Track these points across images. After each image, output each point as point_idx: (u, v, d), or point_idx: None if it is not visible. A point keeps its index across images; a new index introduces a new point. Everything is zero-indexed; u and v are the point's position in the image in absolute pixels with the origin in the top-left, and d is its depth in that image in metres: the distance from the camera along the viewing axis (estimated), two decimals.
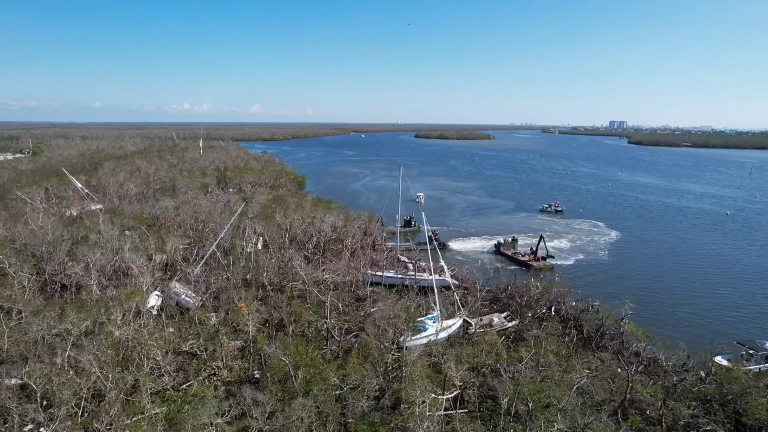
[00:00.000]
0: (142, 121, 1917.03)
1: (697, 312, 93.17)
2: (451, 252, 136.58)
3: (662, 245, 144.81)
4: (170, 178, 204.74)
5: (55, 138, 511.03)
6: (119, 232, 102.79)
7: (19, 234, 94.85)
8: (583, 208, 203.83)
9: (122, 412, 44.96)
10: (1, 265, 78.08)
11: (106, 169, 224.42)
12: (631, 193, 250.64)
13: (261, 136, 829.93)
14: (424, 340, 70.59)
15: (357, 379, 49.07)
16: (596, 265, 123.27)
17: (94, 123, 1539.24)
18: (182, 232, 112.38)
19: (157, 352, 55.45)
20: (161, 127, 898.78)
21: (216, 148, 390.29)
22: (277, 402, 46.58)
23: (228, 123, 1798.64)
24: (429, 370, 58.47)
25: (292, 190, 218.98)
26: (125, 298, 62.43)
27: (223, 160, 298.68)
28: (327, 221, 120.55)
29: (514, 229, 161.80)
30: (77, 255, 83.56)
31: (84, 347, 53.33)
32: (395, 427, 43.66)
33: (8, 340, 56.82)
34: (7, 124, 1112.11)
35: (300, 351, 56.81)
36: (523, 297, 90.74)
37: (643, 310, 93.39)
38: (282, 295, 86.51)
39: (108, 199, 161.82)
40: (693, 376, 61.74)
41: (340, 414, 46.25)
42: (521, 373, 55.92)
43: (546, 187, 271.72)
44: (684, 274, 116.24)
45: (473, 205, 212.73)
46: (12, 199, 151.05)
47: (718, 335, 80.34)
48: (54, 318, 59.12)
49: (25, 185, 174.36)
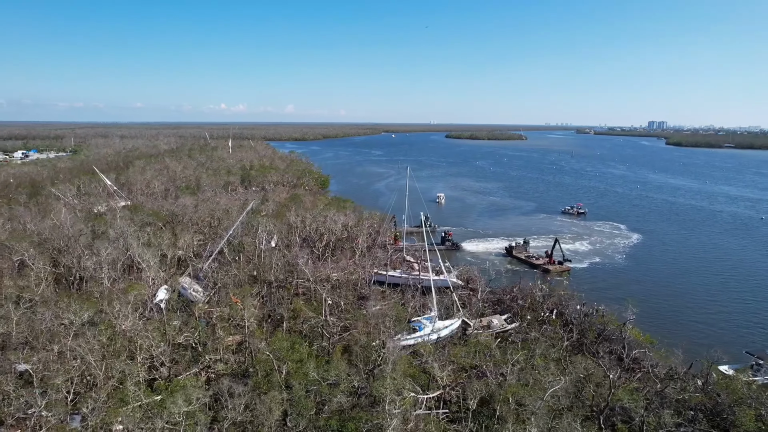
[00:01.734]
0: (180, 121, 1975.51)
1: (710, 319, 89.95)
2: (463, 253, 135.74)
3: (685, 250, 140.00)
4: (196, 177, 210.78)
5: (95, 137, 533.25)
6: (137, 228, 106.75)
7: (43, 228, 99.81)
8: (606, 211, 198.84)
9: (108, 399, 47.23)
10: (20, 258, 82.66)
11: (136, 167, 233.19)
12: (660, 196, 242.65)
13: (292, 135, 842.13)
14: (418, 339, 70.99)
15: (336, 375, 49.83)
16: (611, 269, 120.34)
17: (135, 123, 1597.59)
18: (196, 229, 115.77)
19: (151, 344, 57.73)
20: (197, 126, 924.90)
21: (245, 148, 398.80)
22: (255, 395, 47.81)
23: (262, 123, 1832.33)
24: (414, 370, 58.70)
25: (313, 189, 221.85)
26: (124, 291, 65.00)
27: (250, 159, 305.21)
28: (338, 221, 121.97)
29: (532, 231, 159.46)
30: (93, 249, 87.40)
31: (83, 336, 56.28)
32: (366, 424, 44.16)
33: (16, 328, 60.24)
34: (55, 124, 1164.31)
35: (287, 347, 57.88)
36: (526, 299, 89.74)
37: (653, 315, 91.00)
38: (285, 292, 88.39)
39: (134, 196, 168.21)
40: (690, 384, 60.01)
41: (315, 408, 47.15)
42: (506, 375, 55.64)
43: (572, 189, 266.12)
44: (703, 280, 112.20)
45: (493, 206, 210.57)
46: (46, 195, 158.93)
47: (730, 344, 77.46)
48: (62, 308, 62.30)
49: (61, 182, 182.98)
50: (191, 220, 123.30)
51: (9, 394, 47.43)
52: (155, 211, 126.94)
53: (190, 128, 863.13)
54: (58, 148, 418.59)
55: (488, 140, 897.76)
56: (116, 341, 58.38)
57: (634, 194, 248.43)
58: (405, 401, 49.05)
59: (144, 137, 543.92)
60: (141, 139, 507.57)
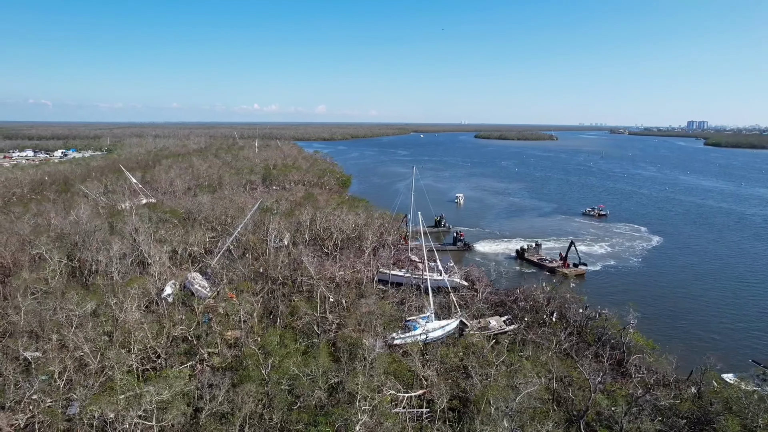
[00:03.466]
0: (213, 121, 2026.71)
1: (722, 327, 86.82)
2: (474, 253, 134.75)
3: (707, 254, 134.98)
4: (218, 176, 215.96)
5: (130, 137, 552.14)
6: (152, 224, 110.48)
7: (64, 224, 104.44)
8: (630, 213, 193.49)
9: (100, 387, 49.43)
10: (38, 251, 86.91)
11: (163, 165, 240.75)
12: (689, 198, 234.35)
13: (321, 135, 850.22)
14: (409, 339, 71.20)
15: (313, 371, 50.66)
16: (624, 272, 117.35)
17: (171, 123, 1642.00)
18: (209, 226, 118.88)
19: (146, 335, 59.95)
20: (229, 126, 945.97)
21: (272, 147, 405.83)
22: (233, 387, 49.13)
23: (293, 123, 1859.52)
24: (402, 368, 59.02)
25: (333, 188, 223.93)
26: (126, 284, 67.58)
27: (275, 158, 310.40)
28: (348, 220, 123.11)
29: (549, 233, 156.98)
30: (105, 244, 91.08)
31: (84, 327, 58.99)
32: (337, 418, 44.81)
33: (24, 317, 63.55)
34: (95, 124, 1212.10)
35: (276, 342, 59.15)
36: (528, 301, 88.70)
37: (660, 320, 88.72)
38: (287, 288, 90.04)
39: (158, 194, 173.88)
40: (685, 391, 58.39)
41: (291, 402, 48.12)
42: (490, 377, 55.36)
43: (597, 191, 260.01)
44: (721, 286, 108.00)
45: (512, 207, 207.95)
46: (74, 192, 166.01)
47: (741, 353, 74.83)
48: (68, 300, 65.34)
49: (91, 180, 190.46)
50: (206, 217, 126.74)
51: (8, 379, 50.27)
52: (172, 209, 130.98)
53: (222, 128, 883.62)
54: (94, 148, 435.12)
55: (517, 140, 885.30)
56: (114, 332, 60.92)
57: (660, 196, 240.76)
58: (383, 398, 49.60)
59: (176, 137, 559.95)
60: (173, 138, 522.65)
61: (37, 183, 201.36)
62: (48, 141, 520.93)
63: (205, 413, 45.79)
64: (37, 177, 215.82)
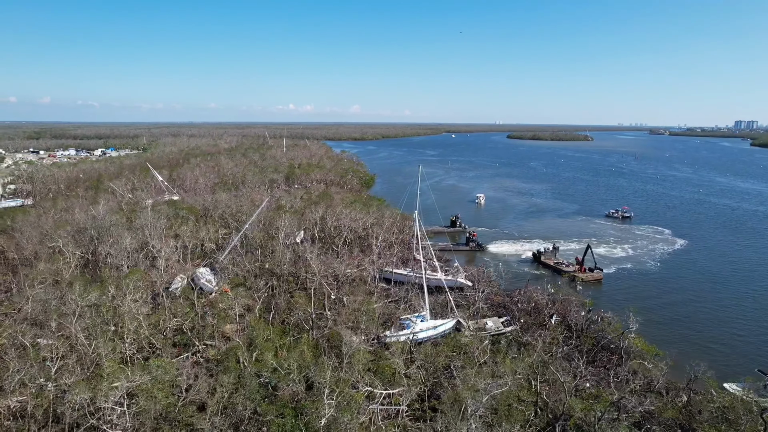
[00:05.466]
0: (249, 121, 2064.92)
1: (734, 335, 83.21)
2: (486, 254, 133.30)
3: (732, 259, 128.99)
4: (242, 174, 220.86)
5: (167, 136, 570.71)
6: (166, 220, 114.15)
7: (85, 219, 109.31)
8: (656, 215, 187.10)
9: (88, 372, 51.90)
10: (55, 244, 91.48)
11: (192, 164, 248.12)
12: (723, 201, 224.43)
13: (351, 135, 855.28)
14: (401, 337, 71.40)
15: (291, 364, 51.66)
16: (637, 276, 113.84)
17: (208, 123, 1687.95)
18: (222, 223, 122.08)
19: (141, 325, 62.42)
20: (265, 126, 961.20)
21: (299, 147, 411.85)
22: (209, 378, 50.71)
23: (327, 123, 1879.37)
24: (386, 366, 59.29)
25: (354, 187, 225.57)
26: (126, 276, 70.40)
27: (301, 157, 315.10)
28: (357, 218, 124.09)
29: (568, 235, 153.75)
30: (117, 238, 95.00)
31: (83, 316, 61.94)
32: (307, 412, 45.58)
33: (32, 305, 67.17)
34: (136, 124, 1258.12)
35: (262, 336, 60.48)
36: (530, 303, 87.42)
37: (670, 326, 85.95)
38: (288, 285, 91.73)
39: (182, 191, 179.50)
40: (677, 398, 56.56)
41: (264, 394, 49.39)
42: (470, 377, 55.00)
43: (625, 192, 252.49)
44: (739, 293, 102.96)
45: (533, 208, 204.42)
46: (103, 189, 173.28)
47: (750, 362, 71.55)
48: (73, 291, 68.64)
49: (123, 178, 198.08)
50: (221, 214, 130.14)
51: (8, 364, 53.34)
52: (189, 206, 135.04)
53: (256, 128, 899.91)
54: (132, 147, 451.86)
55: (551, 141, 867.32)
56: (111, 322, 63.63)
57: (692, 198, 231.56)
58: (356, 394, 50.13)
59: (210, 136, 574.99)
60: (206, 138, 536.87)
61: (72, 180, 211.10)
62: (90, 140, 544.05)
63: (182, 401, 47.41)
64: (73, 174, 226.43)
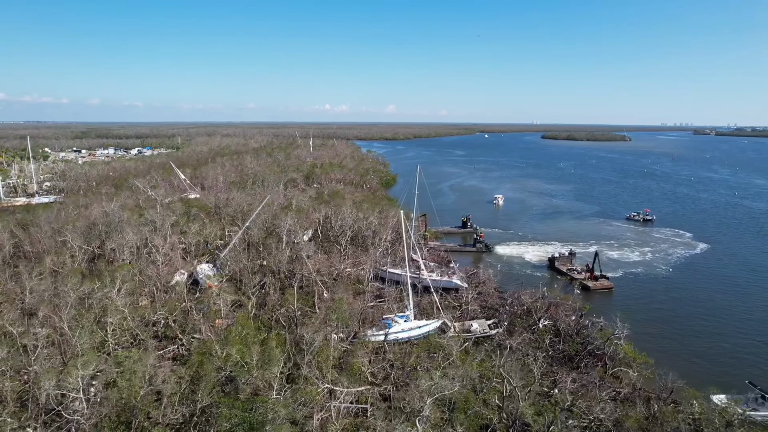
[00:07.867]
0: (285, 121, 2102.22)
1: (737, 346, 79.33)
2: (492, 256, 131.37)
3: (754, 267, 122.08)
4: (263, 173, 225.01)
5: (201, 136, 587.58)
6: (176, 217, 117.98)
7: (96, 215, 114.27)
8: (680, 218, 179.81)
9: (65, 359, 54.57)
10: (63, 238, 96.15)
11: (217, 163, 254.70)
12: (757, 204, 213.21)
13: (383, 135, 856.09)
14: (381, 336, 71.68)
15: (251, 359, 52.81)
16: (645, 280, 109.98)
17: (246, 123, 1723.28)
18: (229, 221, 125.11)
19: (125, 317, 65.08)
20: (299, 126, 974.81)
21: (327, 147, 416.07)
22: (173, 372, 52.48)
23: (362, 123, 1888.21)
24: (356, 364, 59.81)
25: (373, 187, 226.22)
26: (115, 270, 73.42)
27: (325, 157, 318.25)
28: (362, 218, 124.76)
29: (582, 237, 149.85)
30: (123, 233, 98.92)
31: (72, 308, 65.06)
32: (258, 406, 46.56)
33: (30, 295, 70.99)
34: (176, 124, 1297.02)
35: (236, 331, 61.95)
36: (522, 306, 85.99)
37: (668, 333, 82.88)
38: (279, 282, 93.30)
39: (203, 189, 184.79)
40: (650, 407, 54.66)
41: (226, 388, 50.83)
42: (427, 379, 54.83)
43: (653, 194, 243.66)
44: (755, 303, 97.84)
45: (552, 209, 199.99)
46: (128, 186, 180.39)
47: (747, 375, 68.30)
48: (68, 283, 72.10)
49: (149, 175, 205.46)
50: (230, 212, 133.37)
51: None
52: (201, 204, 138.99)
53: (290, 128, 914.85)
54: (167, 146, 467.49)
55: (586, 141, 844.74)
56: (98, 313, 66.53)
57: (723, 201, 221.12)
58: (313, 390, 50.86)
59: (242, 136, 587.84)
60: (239, 137, 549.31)
61: (102, 178, 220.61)
62: (129, 140, 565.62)
63: (143, 391, 49.29)
64: (104, 172, 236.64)
